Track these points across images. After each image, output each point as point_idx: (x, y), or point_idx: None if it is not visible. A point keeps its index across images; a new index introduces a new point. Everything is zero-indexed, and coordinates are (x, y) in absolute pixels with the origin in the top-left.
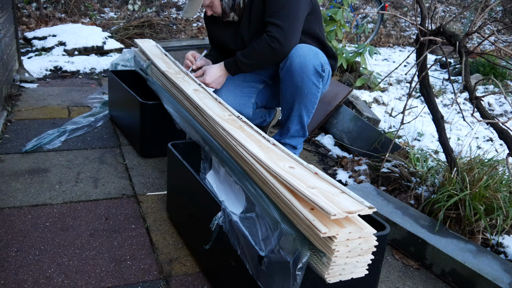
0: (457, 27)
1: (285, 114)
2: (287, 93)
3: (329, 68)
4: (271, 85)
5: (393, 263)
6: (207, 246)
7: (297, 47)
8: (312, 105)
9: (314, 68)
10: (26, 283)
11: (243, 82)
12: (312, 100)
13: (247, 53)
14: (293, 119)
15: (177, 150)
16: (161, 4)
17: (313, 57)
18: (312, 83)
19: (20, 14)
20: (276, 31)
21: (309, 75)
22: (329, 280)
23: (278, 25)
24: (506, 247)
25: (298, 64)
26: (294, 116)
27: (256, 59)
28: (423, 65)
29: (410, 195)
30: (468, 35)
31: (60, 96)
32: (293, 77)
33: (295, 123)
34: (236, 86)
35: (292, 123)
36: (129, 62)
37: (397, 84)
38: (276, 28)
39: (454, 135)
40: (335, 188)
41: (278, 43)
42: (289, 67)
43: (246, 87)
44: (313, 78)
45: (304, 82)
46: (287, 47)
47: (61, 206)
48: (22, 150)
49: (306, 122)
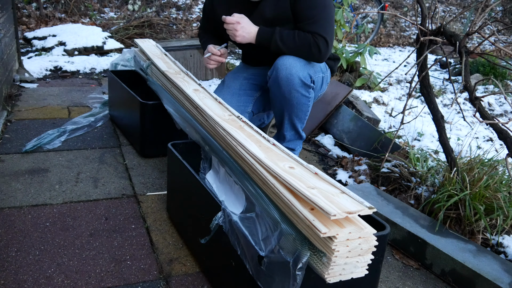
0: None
1: (278, 121)
2: (276, 102)
3: (323, 74)
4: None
5: (393, 263)
6: (203, 240)
7: (283, 58)
8: (303, 113)
9: (301, 81)
10: (26, 283)
11: (240, 90)
12: (303, 110)
13: (286, 36)
14: (286, 127)
15: (177, 150)
16: (161, 4)
17: (299, 69)
18: (300, 94)
19: (20, 14)
20: (322, 43)
21: (296, 88)
22: (329, 280)
23: (325, 38)
24: (506, 247)
25: (284, 76)
26: (286, 124)
27: (289, 48)
28: (423, 65)
29: (410, 195)
30: (469, 35)
31: (60, 96)
32: (280, 89)
33: (289, 129)
34: (232, 95)
35: (286, 130)
36: (129, 62)
37: (397, 84)
38: (323, 40)
39: (454, 135)
40: (335, 188)
41: (319, 52)
42: (275, 79)
43: (243, 95)
44: (301, 90)
45: (292, 94)
46: (324, 58)
47: (61, 206)
48: (22, 150)
49: (300, 128)
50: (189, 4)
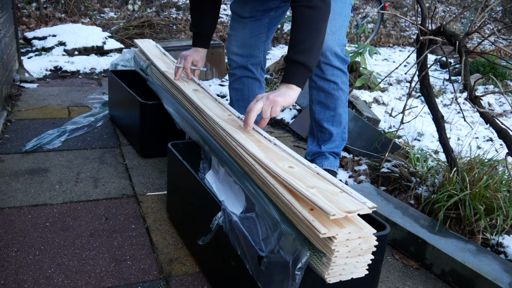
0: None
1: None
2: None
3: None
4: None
5: (393, 263)
6: (200, 241)
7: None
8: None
9: (336, 56)
10: (26, 283)
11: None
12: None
13: (298, 45)
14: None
15: (177, 150)
16: (161, 4)
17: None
18: (339, 71)
19: (20, 14)
20: (316, 2)
21: (334, 65)
22: (329, 280)
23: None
24: (506, 247)
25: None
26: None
27: (310, 40)
28: (424, 64)
29: (410, 195)
30: (468, 34)
31: (60, 96)
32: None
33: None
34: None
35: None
36: (129, 62)
37: (397, 84)
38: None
39: (454, 135)
40: (335, 187)
41: (317, 0)
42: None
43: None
44: (338, 64)
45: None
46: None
47: (61, 206)
48: (22, 150)
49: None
50: (189, 4)
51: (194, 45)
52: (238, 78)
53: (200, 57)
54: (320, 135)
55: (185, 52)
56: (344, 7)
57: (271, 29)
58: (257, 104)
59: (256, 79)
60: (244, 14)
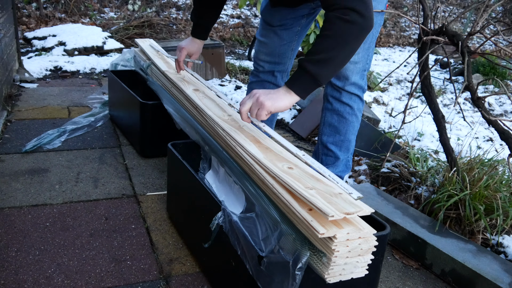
0: (457, 27)
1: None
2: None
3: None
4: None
5: (393, 263)
6: (206, 244)
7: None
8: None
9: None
10: (26, 283)
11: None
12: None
13: (315, 54)
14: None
15: (177, 150)
16: (161, 4)
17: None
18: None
19: (20, 14)
20: (352, 15)
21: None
22: (329, 280)
23: (352, 8)
24: (506, 247)
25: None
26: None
27: (331, 56)
28: (425, 64)
29: (410, 195)
30: (471, 35)
31: (60, 96)
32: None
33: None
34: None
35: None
36: (129, 62)
37: (397, 84)
38: (351, 12)
39: (454, 135)
40: (335, 188)
41: (355, 14)
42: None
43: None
44: (357, 92)
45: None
46: (369, 22)
47: (61, 206)
48: (22, 150)
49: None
50: (189, 4)
51: (192, 34)
52: (261, 81)
53: (196, 49)
54: (324, 158)
55: (182, 42)
56: (371, 33)
57: (302, 35)
58: (246, 104)
59: (277, 86)
60: (275, 23)
